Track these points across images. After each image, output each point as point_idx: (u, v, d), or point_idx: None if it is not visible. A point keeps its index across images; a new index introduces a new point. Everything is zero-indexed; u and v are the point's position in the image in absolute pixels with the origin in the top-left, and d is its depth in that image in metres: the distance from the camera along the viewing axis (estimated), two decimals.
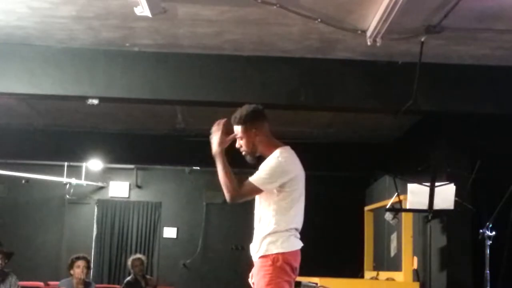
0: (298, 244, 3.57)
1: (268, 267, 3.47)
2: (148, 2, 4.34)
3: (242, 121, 3.69)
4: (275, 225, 3.51)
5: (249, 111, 3.70)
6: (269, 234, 3.51)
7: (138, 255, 9.00)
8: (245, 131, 3.69)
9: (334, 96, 5.79)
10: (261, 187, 3.53)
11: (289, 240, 3.52)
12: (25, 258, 9.75)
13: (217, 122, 3.72)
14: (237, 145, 3.80)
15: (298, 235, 3.60)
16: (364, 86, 5.73)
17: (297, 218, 3.59)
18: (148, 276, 9.03)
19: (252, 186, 3.54)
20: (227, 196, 3.56)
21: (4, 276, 6.88)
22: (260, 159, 3.69)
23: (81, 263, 7.04)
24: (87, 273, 7.17)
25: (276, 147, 3.65)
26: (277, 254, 3.47)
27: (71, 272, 7.07)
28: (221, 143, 3.68)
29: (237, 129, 3.73)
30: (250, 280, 3.68)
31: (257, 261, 3.57)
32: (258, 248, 3.55)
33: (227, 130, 3.69)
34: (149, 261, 10.17)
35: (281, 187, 3.53)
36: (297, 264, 3.56)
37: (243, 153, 3.78)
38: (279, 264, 3.46)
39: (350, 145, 8.88)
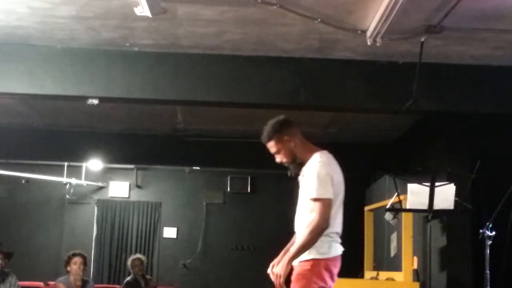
0: (339, 250, 3.58)
1: (306, 271, 3.48)
2: (148, 2, 4.34)
3: (271, 135, 3.70)
4: None
5: (274, 123, 3.73)
6: None
7: (138, 255, 9.00)
8: (278, 142, 3.70)
9: (334, 96, 5.79)
10: (328, 196, 3.49)
11: (331, 246, 3.53)
12: (25, 258, 9.75)
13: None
14: (277, 161, 3.78)
15: (339, 240, 3.61)
16: (364, 86, 5.72)
17: (337, 222, 3.61)
18: (148, 276, 9.03)
19: (321, 203, 3.47)
20: (323, 230, 3.47)
21: (4, 276, 6.89)
22: (302, 166, 3.66)
23: (77, 259, 7.04)
24: (84, 270, 7.16)
25: (313, 151, 3.66)
26: (317, 259, 3.48)
27: (68, 269, 7.07)
28: (285, 267, 3.49)
29: (270, 145, 3.73)
30: (270, 270, 3.64)
31: (297, 265, 3.56)
32: None
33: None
34: (149, 261, 10.17)
35: None
36: (336, 269, 3.58)
37: (286, 164, 3.76)
38: (318, 269, 3.47)
39: (350, 145, 8.87)
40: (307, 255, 3.50)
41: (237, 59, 5.63)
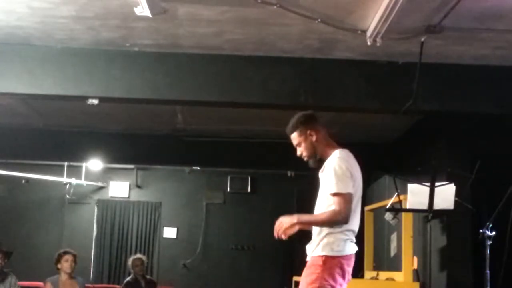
0: (353, 249, 3.59)
1: (318, 266, 3.49)
2: (148, 2, 4.34)
3: (295, 127, 3.76)
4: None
5: (299, 116, 3.79)
6: (326, 236, 3.52)
7: (139, 255, 9.00)
8: (300, 135, 3.75)
9: (334, 96, 5.79)
10: (348, 191, 3.50)
11: (346, 244, 3.54)
12: (25, 258, 9.75)
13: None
14: (298, 153, 3.82)
15: (354, 239, 3.62)
16: (364, 86, 5.72)
17: (354, 219, 3.60)
18: (148, 277, 9.03)
19: (341, 197, 3.49)
20: (340, 223, 3.50)
21: (3, 276, 6.88)
22: (321, 162, 3.69)
23: (69, 257, 7.04)
24: (74, 268, 7.15)
25: (334, 148, 3.71)
26: (331, 256, 3.49)
27: (58, 266, 7.07)
28: (292, 222, 3.58)
29: (293, 137, 3.77)
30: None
31: (310, 260, 3.59)
32: (314, 248, 3.57)
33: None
34: (149, 261, 10.16)
35: None
36: (350, 268, 3.59)
37: (305, 158, 3.80)
38: (329, 266, 3.48)
39: (351, 145, 8.85)
40: (320, 251, 3.51)
41: (237, 59, 5.63)
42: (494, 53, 5.37)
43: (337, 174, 3.53)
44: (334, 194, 3.51)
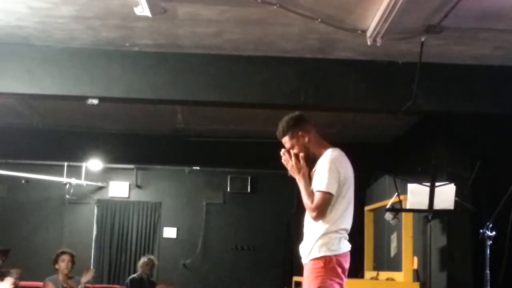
0: (348, 246, 3.61)
1: (320, 269, 3.49)
2: (148, 2, 4.34)
3: (286, 131, 3.74)
4: (326, 225, 3.52)
5: (288, 118, 3.77)
6: (321, 237, 3.52)
7: (151, 256, 9.13)
8: (292, 137, 3.73)
9: (334, 96, 5.79)
10: (330, 191, 3.51)
11: (341, 242, 3.55)
12: (25, 258, 9.75)
13: (282, 153, 3.72)
14: (283, 160, 3.82)
15: (347, 237, 3.63)
16: (364, 86, 5.72)
17: (347, 218, 3.62)
18: (151, 278, 9.07)
19: (322, 196, 3.51)
20: (311, 218, 3.56)
21: (2, 276, 6.86)
22: (315, 163, 3.70)
23: (66, 257, 7.01)
24: (72, 268, 7.13)
25: (326, 147, 3.71)
26: (329, 256, 3.49)
27: (56, 266, 7.05)
28: (299, 169, 3.66)
29: (285, 140, 3.76)
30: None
31: (308, 263, 3.58)
32: (309, 251, 3.57)
33: (296, 156, 3.69)
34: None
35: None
36: (347, 265, 3.60)
37: (289, 167, 3.78)
38: (331, 265, 3.48)
39: (350, 145, 8.83)
40: (317, 253, 3.51)
41: (237, 59, 5.63)
42: (494, 53, 5.37)
43: (324, 173, 3.54)
44: (317, 190, 3.54)
